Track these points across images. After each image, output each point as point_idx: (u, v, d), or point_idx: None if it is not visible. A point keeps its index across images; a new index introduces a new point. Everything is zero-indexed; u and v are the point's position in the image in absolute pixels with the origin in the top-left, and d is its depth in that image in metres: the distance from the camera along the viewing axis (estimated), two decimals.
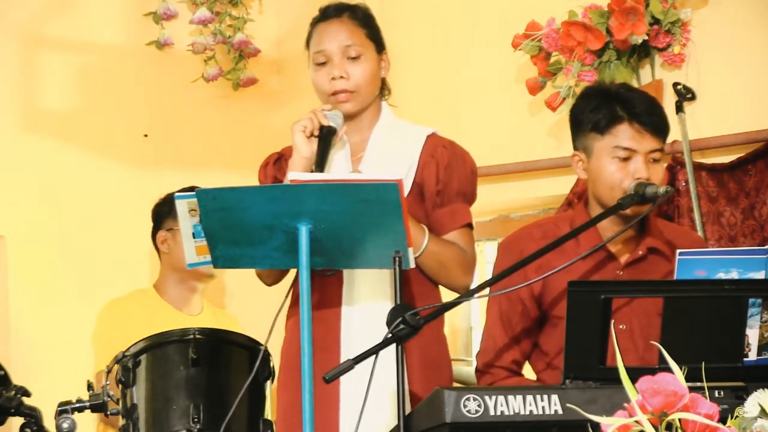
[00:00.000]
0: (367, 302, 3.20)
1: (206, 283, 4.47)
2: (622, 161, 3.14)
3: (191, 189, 4.11)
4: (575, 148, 3.24)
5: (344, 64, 3.29)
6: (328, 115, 3.21)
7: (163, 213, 4.47)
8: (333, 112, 3.23)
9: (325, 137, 3.17)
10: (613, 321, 2.51)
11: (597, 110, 3.18)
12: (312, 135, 3.17)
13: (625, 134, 3.14)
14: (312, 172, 3.15)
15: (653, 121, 3.15)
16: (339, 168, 3.27)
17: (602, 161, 3.17)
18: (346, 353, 3.12)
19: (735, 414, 2.19)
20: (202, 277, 4.42)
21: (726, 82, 4.00)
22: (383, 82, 3.39)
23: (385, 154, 3.31)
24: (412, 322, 2.61)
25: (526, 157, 4.48)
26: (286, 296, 3.12)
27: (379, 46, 3.36)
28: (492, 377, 3.25)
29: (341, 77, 3.28)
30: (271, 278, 3.36)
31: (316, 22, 3.37)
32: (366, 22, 3.35)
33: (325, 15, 3.36)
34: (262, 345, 3.23)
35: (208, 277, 4.43)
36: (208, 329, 3.34)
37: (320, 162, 3.13)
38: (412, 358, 3.22)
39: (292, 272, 3.15)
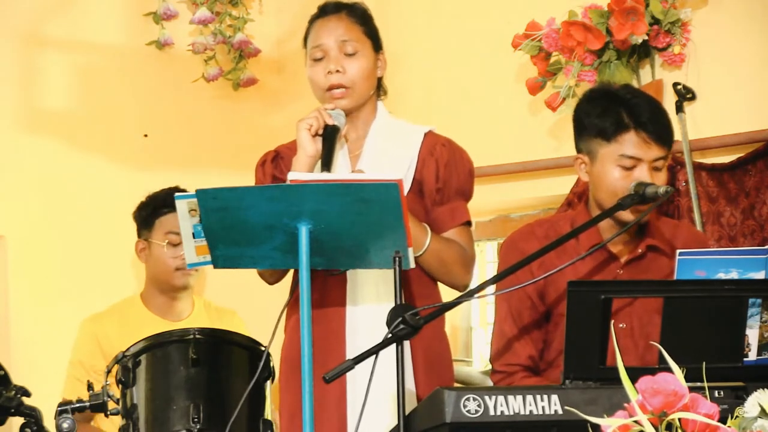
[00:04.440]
0: (371, 302, 3.21)
1: (182, 293, 4.39)
2: (626, 169, 3.13)
3: (175, 190, 4.11)
4: (578, 150, 3.24)
5: (340, 59, 3.30)
6: (332, 114, 3.22)
7: (140, 220, 4.39)
8: (336, 111, 3.24)
9: (330, 136, 3.18)
10: (613, 320, 2.51)
11: (603, 116, 3.16)
12: (316, 134, 3.18)
13: (630, 143, 3.13)
14: (314, 170, 3.16)
15: (658, 130, 3.14)
16: (339, 166, 3.27)
17: (606, 167, 3.16)
18: (352, 353, 3.12)
19: (735, 414, 2.19)
20: (177, 289, 4.34)
21: (726, 82, 4.00)
22: (379, 81, 3.40)
23: (383, 152, 3.32)
24: (412, 322, 2.61)
25: (526, 157, 4.48)
26: (290, 296, 3.12)
27: (376, 44, 3.37)
28: (508, 377, 3.23)
29: (337, 71, 3.28)
30: (274, 277, 3.36)
31: (314, 19, 3.38)
32: (364, 19, 3.36)
33: (323, 12, 3.37)
34: (262, 345, 3.23)
35: (183, 289, 4.36)
36: (208, 329, 3.34)
37: (328, 161, 3.13)
38: (416, 358, 3.23)
39: (294, 271, 3.15)
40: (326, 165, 3.13)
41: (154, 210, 4.32)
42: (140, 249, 4.38)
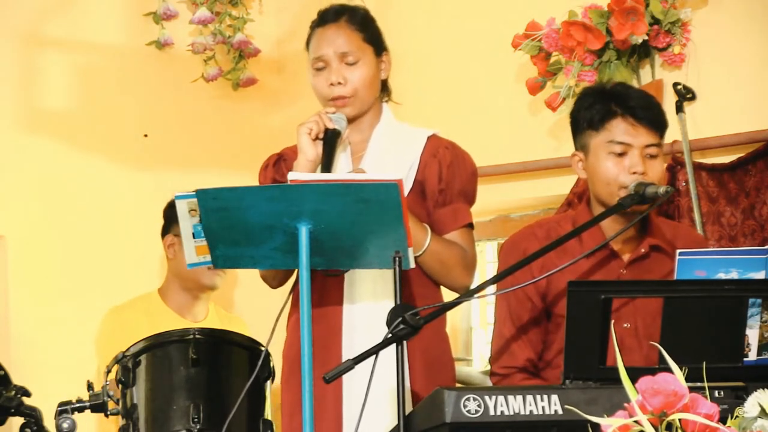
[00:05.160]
0: (368, 301, 3.20)
1: (206, 293, 4.45)
2: (617, 156, 3.14)
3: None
4: (575, 148, 3.25)
5: (342, 69, 3.29)
6: (332, 118, 3.21)
7: (173, 216, 4.42)
8: (337, 115, 3.23)
9: (330, 140, 3.17)
10: (617, 320, 2.51)
11: (591, 108, 3.19)
12: (317, 138, 3.18)
13: (619, 128, 3.15)
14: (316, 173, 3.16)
15: (648, 115, 3.15)
16: (340, 167, 3.27)
17: (599, 157, 3.17)
18: (348, 352, 3.12)
19: (735, 414, 2.19)
20: (204, 288, 4.40)
21: (726, 82, 4.01)
22: (384, 82, 3.39)
23: (386, 154, 3.31)
24: (412, 322, 2.61)
25: (526, 157, 4.48)
26: (288, 296, 3.13)
27: (378, 48, 3.36)
28: (507, 380, 3.23)
29: (339, 83, 3.28)
30: (276, 280, 3.36)
31: (315, 26, 3.37)
32: (364, 25, 3.35)
33: (324, 19, 3.35)
34: (262, 345, 3.23)
35: (210, 288, 4.41)
36: (207, 329, 3.34)
37: (327, 165, 3.13)
38: (414, 358, 3.22)
39: (296, 273, 3.15)
40: (326, 169, 3.13)
41: None
42: (169, 244, 4.41)
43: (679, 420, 1.95)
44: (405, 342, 2.70)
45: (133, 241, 4.79)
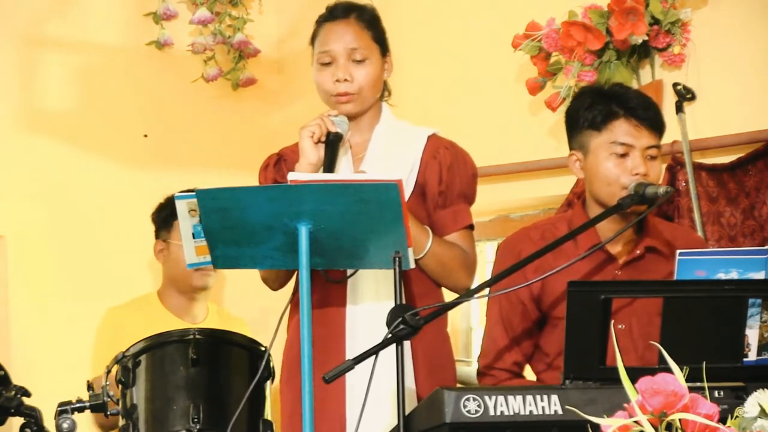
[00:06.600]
0: (372, 302, 3.20)
1: (200, 294, 4.44)
2: (619, 157, 3.14)
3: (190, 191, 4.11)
4: (571, 147, 3.25)
5: (349, 66, 3.28)
6: (335, 120, 3.21)
7: (159, 222, 4.45)
8: (339, 118, 3.23)
9: (333, 143, 3.17)
10: (612, 321, 2.51)
11: (592, 107, 3.18)
12: (319, 141, 3.17)
13: (621, 129, 3.15)
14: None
15: (649, 116, 3.16)
16: (342, 170, 3.27)
17: (599, 158, 3.16)
18: (352, 353, 3.12)
19: (735, 414, 2.19)
20: (196, 289, 4.40)
21: (726, 82, 4.00)
22: (384, 83, 3.39)
23: (387, 155, 3.31)
24: (412, 322, 2.61)
25: (526, 157, 4.48)
26: (291, 297, 3.13)
27: (384, 48, 3.36)
28: (493, 379, 3.25)
29: (345, 80, 3.27)
30: (277, 282, 3.36)
31: (322, 21, 3.35)
32: (372, 24, 3.35)
33: (333, 14, 3.34)
34: (261, 345, 3.23)
35: (202, 289, 4.41)
36: (207, 329, 3.34)
37: (329, 168, 3.13)
38: (418, 360, 3.22)
39: (296, 275, 3.15)
40: (328, 172, 3.13)
41: (173, 211, 4.31)
42: (159, 250, 4.42)
43: (679, 420, 1.95)
44: (405, 342, 2.70)
45: (133, 241, 4.78)
